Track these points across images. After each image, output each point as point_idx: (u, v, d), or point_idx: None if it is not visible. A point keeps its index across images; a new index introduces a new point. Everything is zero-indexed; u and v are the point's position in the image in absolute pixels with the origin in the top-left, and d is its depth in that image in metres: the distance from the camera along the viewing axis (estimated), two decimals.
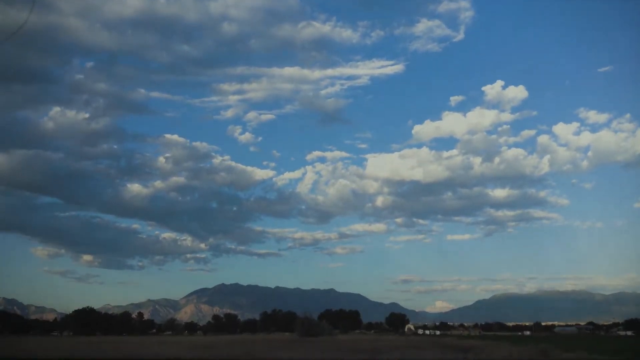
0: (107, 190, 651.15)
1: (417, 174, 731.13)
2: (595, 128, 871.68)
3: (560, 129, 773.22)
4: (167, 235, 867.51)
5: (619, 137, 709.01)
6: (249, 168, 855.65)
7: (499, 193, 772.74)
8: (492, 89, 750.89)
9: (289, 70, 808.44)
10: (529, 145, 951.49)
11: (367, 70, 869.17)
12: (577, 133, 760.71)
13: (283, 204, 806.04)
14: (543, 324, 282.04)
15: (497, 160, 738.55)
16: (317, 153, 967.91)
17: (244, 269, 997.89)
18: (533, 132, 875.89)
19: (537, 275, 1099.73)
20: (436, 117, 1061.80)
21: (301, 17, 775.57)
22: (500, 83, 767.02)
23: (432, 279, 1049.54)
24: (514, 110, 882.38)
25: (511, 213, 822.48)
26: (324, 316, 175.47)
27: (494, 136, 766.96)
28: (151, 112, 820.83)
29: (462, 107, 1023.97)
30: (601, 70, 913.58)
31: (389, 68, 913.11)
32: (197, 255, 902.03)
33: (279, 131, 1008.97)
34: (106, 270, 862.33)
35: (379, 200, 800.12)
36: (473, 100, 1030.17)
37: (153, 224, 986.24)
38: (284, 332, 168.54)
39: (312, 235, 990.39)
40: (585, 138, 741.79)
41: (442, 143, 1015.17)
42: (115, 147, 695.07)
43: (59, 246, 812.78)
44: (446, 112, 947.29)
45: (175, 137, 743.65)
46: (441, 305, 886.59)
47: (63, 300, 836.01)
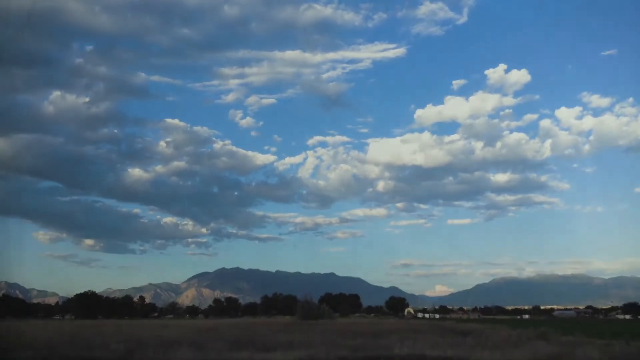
0: (108, 175, 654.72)
1: (419, 159, 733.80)
2: (597, 112, 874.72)
3: (562, 113, 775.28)
4: (169, 219, 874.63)
5: (621, 122, 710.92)
6: (250, 153, 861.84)
7: (500, 178, 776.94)
8: (495, 73, 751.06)
9: (290, 54, 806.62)
10: (531, 129, 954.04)
11: (369, 53, 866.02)
12: (580, 117, 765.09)
13: (284, 189, 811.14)
14: (542, 307, 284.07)
15: (498, 144, 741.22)
16: (318, 138, 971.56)
17: (245, 253, 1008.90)
18: (535, 116, 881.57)
19: (537, 260, 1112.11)
20: (438, 101, 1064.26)
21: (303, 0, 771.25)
22: (503, 67, 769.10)
23: (432, 263, 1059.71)
24: (516, 94, 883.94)
25: (512, 198, 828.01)
26: (324, 300, 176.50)
27: (496, 120, 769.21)
28: (152, 96, 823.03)
29: (465, 91, 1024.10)
30: (605, 54, 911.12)
31: (391, 51, 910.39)
32: (198, 240, 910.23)
33: (280, 115, 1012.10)
34: (108, 255, 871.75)
35: (380, 185, 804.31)
36: (475, 84, 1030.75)
37: (154, 209, 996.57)
38: (284, 316, 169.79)
39: (313, 219, 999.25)
40: (588, 122, 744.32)
41: (444, 127, 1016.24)
42: (115, 131, 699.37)
43: (61, 230, 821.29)
44: (448, 97, 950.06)
45: (176, 121, 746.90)
46: (441, 289, 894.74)
47: (65, 284, 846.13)
